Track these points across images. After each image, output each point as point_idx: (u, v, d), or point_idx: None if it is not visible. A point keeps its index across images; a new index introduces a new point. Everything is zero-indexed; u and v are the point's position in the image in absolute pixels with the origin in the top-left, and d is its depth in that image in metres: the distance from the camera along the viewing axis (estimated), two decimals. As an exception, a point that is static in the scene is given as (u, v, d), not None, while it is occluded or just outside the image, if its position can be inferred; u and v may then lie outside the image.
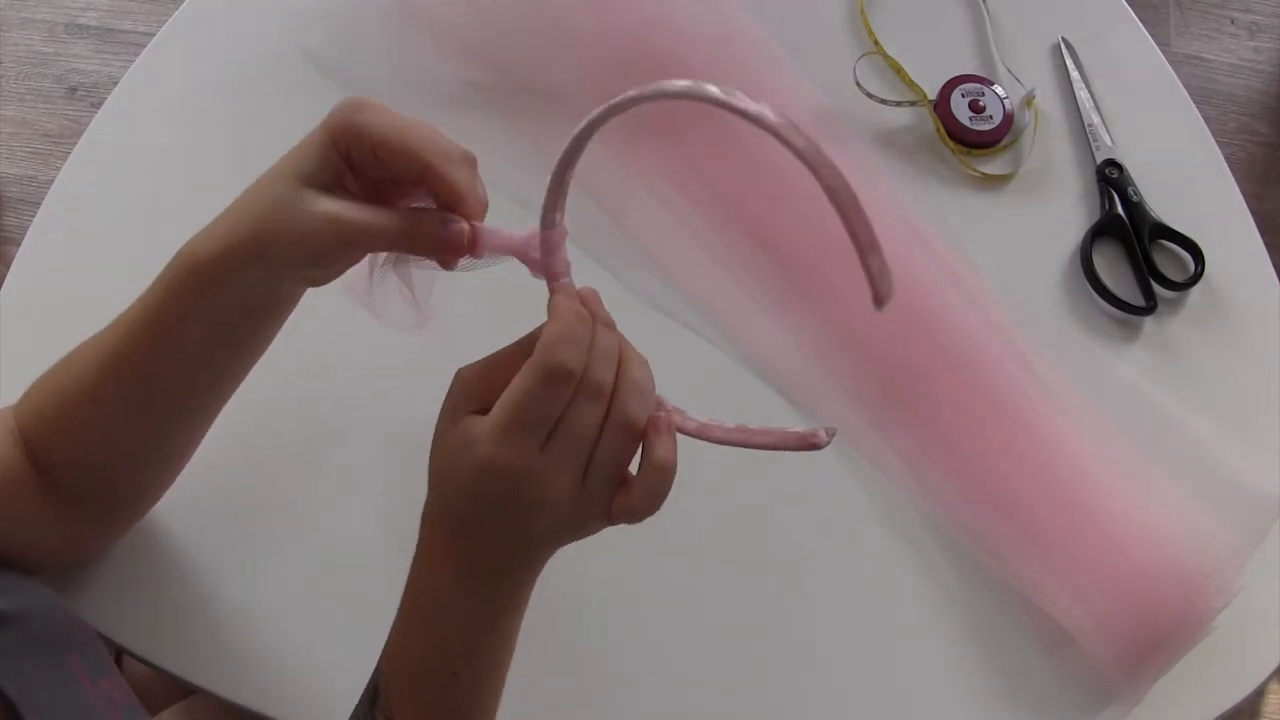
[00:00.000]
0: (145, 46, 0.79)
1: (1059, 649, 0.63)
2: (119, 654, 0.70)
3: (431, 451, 0.46)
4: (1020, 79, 0.81)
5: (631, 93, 0.39)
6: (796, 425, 0.45)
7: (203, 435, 0.56)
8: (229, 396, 0.55)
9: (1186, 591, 0.63)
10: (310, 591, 0.63)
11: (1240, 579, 0.64)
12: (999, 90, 0.79)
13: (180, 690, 0.69)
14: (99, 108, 0.76)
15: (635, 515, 0.45)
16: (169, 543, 0.63)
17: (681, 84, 0.38)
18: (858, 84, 0.78)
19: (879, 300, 0.37)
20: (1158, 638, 0.62)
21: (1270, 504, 0.67)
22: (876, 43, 0.81)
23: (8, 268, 0.69)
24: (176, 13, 0.80)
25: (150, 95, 0.78)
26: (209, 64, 0.78)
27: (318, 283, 0.49)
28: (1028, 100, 0.80)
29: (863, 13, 0.83)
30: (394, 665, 0.48)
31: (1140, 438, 0.69)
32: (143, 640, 0.61)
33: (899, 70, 0.81)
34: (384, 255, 0.49)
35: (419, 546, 0.48)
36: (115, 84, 0.77)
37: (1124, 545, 0.64)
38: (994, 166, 0.79)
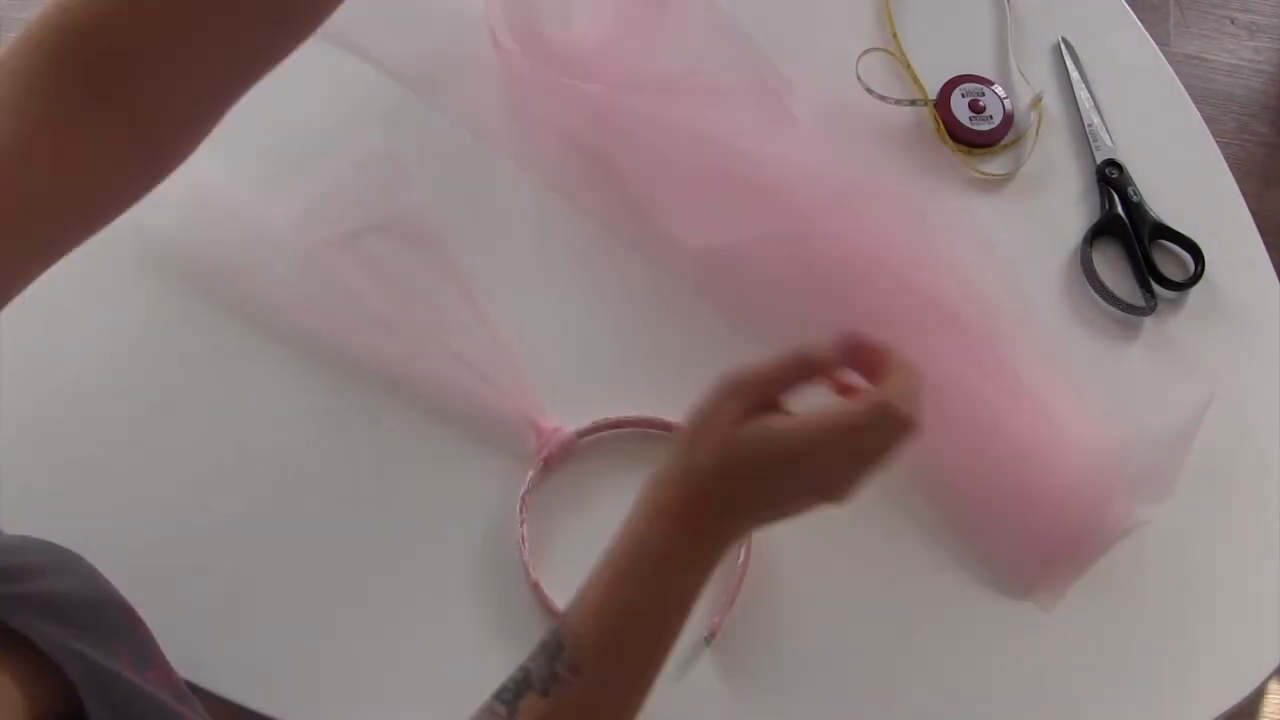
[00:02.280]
0: (145, 45, 0.79)
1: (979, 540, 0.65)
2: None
3: (707, 427, 0.51)
4: (1029, 79, 0.81)
5: None
6: None
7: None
8: None
9: (1102, 495, 0.65)
10: (311, 591, 0.64)
11: (1165, 487, 0.65)
12: (999, 90, 0.79)
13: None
14: (99, 107, 0.76)
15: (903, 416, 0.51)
16: (165, 541, 0.64)
17: None
18: (859, 79, 0.77)
19: None
20: (1073, 534, 0.65)
21: (1194, 418, 0.68)
22: (895, 36, 0.81)
23: (8, 266, 0.69)
24: (176, 12, 0.80)
25: (150, 94, 0.77)
26: (209, 63, 0.78)
27: None
28: (1034, 102, 0.79)
29: (888, 10, 0.83)
30: (594, 616, 0.50)
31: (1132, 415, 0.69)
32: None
33: (908, 67, 0.80)
34: None
35: (648, 508, 0.51)
36: (115, 83, 0.77)
37: (1048, 450, 0.66)
38: (994, 166, 0.79)
